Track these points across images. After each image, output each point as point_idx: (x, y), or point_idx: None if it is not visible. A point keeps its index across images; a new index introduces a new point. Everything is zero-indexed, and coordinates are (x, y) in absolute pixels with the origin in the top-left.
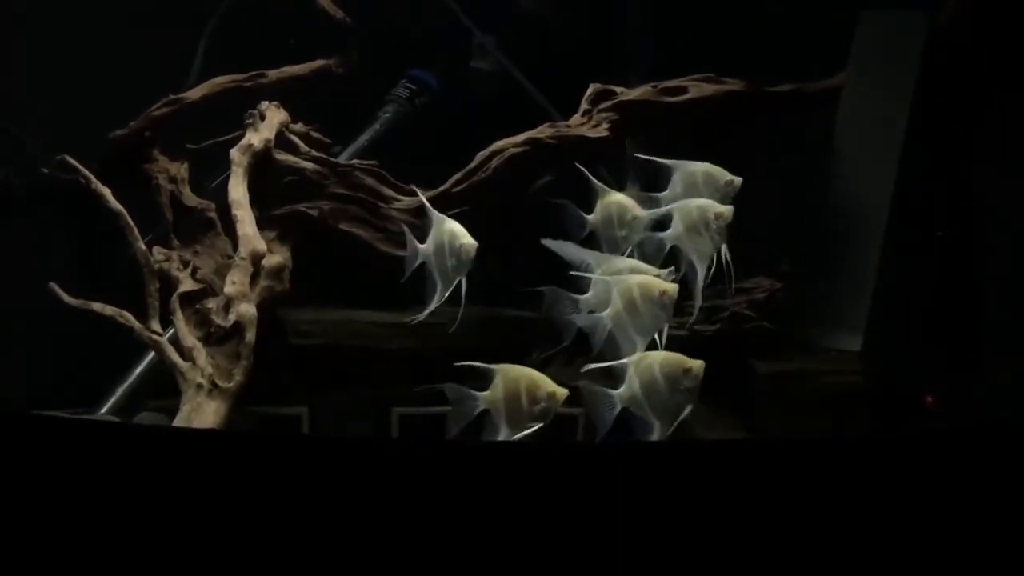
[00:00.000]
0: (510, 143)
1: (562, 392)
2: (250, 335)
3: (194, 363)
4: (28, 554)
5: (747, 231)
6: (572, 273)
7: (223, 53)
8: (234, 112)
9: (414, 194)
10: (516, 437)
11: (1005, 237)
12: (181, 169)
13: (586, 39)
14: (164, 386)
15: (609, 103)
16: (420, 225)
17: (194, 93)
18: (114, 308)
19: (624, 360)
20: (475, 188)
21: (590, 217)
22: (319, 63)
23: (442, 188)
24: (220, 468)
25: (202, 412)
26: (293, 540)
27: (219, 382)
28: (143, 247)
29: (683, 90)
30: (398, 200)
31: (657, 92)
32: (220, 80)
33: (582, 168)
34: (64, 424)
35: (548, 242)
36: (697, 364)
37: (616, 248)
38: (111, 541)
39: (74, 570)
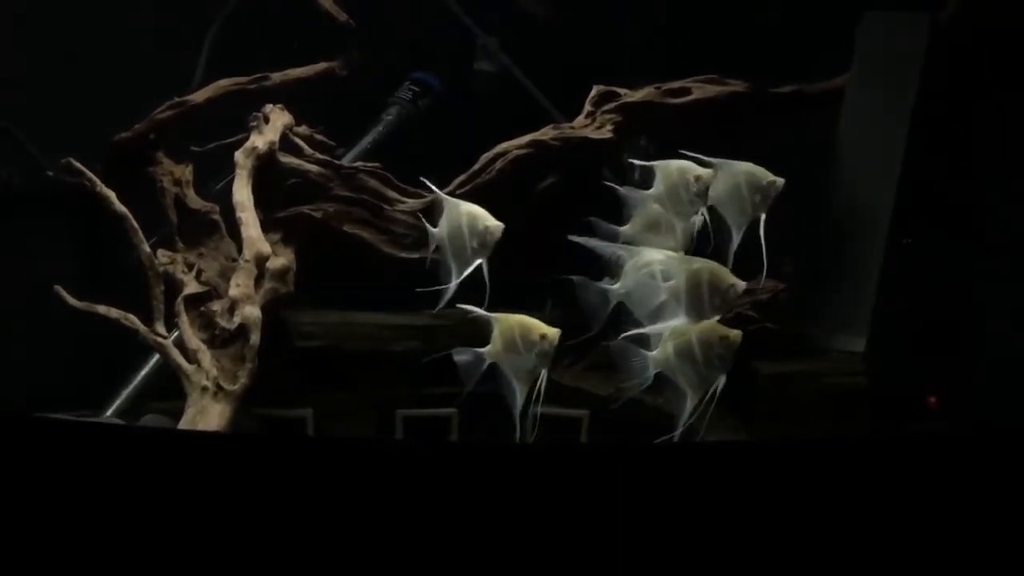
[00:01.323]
0: (514, 145)
1: (553, 332)
2: (255, 337)
3: (199, 365)
4: (33, 556)
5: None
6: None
7: (227, 55)
8: (238, 114)
9: (418, 196)
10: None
11: (1006, 237)
12: (185, 172)
13: (588, 40)
14: (169, 388)
15: (612, 104)
16: (421, 227)
17: (198, 96)
18: (119, 310)
19: (664, 326)
20: (479, 190)
21: (651, 192)
22: (322, 65)
23: (446, 190)
24: (225, 470)
25: (207, 414)
26: (298, 542)
27: (224, 384)
28: (147, 249)
29: (686, 91)
30: (402, 202)
31: (660, 93)
32: (224, 83)
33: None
34: (69, 426)
35: (575, 237)
36: (734, 334)
37: (687, 215)
38: (116, 543)
39: (79, 572)
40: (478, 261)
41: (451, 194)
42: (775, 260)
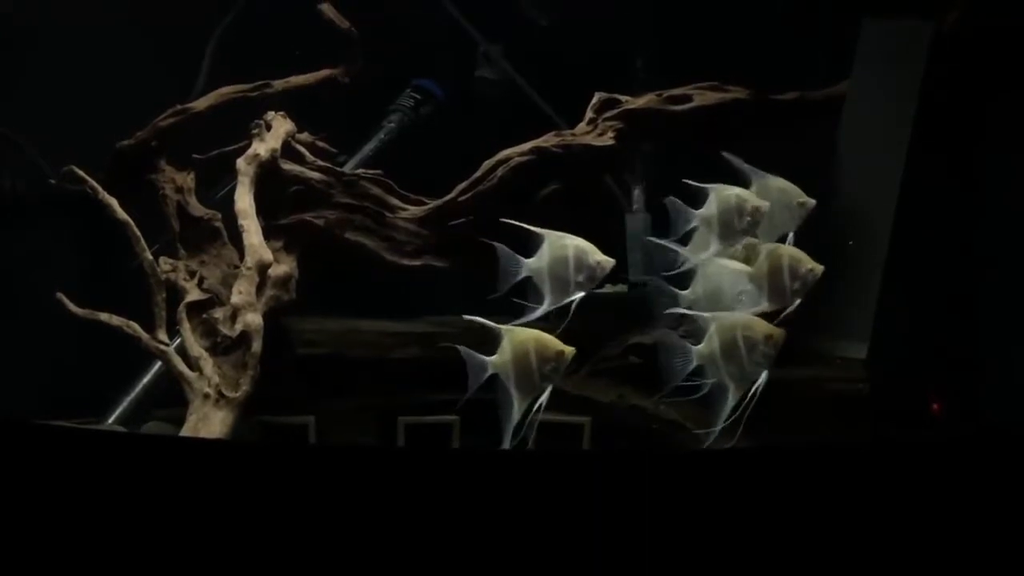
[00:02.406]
0: (515, 152)
1: (570, 350)
2: (257, 344)
3: (201, 373)
4: (35, 563)
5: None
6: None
7: (229, 63)
8: (240, 122)
9: (419, 203)
10: (534, 406)
11: (1008, 242)
12: (187, 179)
13: (590, 47)
14: (171, 396)
15: (614, 111)
16: (425, 235)
17: (200, 103)
18: (121, 318)
19: (707, 314)
20: (481, 197)
21: (702, 212)
22: (324, 73)
23: (448, 197)
24: (227, 477)
25: (209, 422)
26: (300, 549)
27: (226, 392)
28: (150, 257)
29: (688, 98)
30: (404, 209)
31: (662, 100)
32: (226, 90)
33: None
34: (71, 434)
35: (656, 240)
36: (778, 332)
37: (733, 239)
38: (118, 550)
39: None
40: (580, 294)
41: (454, 200)
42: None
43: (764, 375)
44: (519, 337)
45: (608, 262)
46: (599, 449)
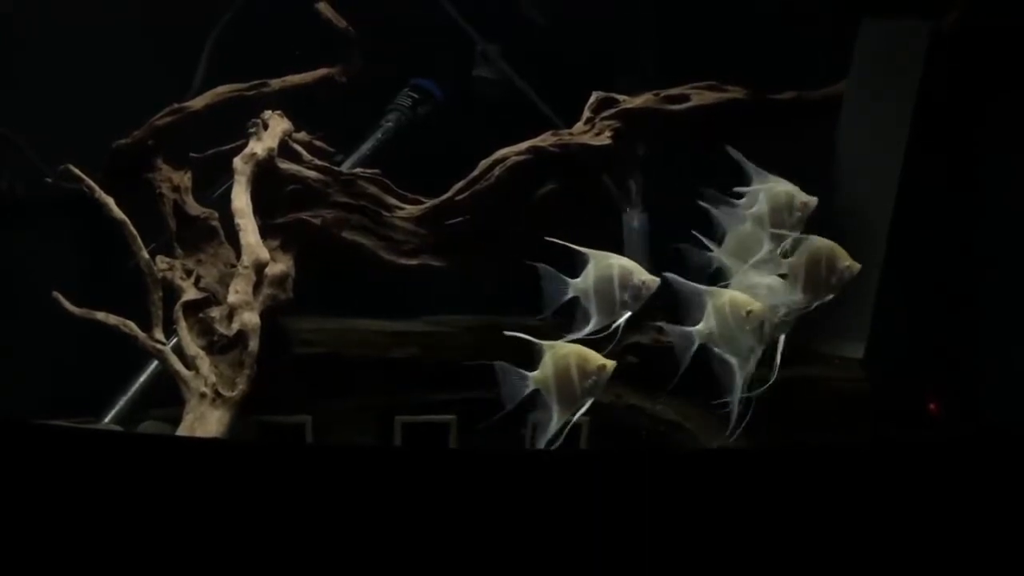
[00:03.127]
0: (513, 151)
1: (611, 364)
2: (253, 344)
3: (197, 372)
4: (31, 563)
5: None
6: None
7: (226, 62)
8: (237, 121)
9: (417, 203)
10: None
11: (1006, 241)
12: (184, 178)
13: (588, 46)
14: (167, 395)
15: (612, 111)
16: (422, 234)
17: (197, 102)
18: (118, 317)
19: (705, 288)
20: (478, 196)
21: (753, 210)
22: (322, 72)
23: (445, 196)
24: (223, 477)
25: (205, 421)
26: (296, 548)
27: (222, 391)
28: (146, 256)
29: (685, 98)
30: (401, 208)
31: (659, 100)
32: (223, 89)
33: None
34: (67, 433)
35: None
36: (757, 307)
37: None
38: (114, 550)
39: None
40: (627, 314)
41: (451, 199)
42: None
43: (759, 349)
44: (560, 352)
45: (653, 281)
46: (599, 449)
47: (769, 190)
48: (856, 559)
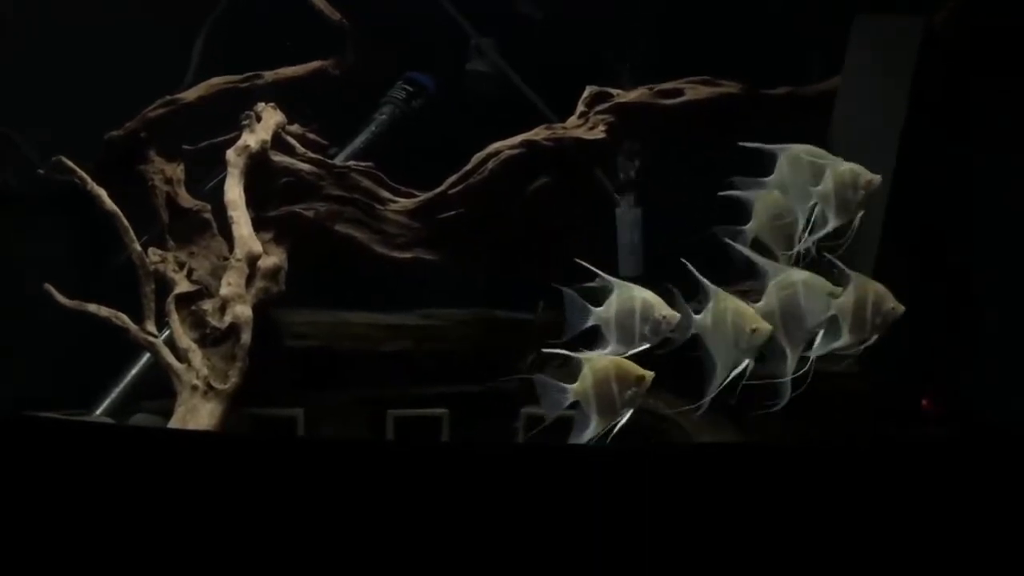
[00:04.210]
0: (506, 145)
1: (650, 375)
2: (246, 337)
3: (189, 365)
4: (22, 556)
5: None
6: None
7: (219, 54)
8: (230, 113)
9: (410, 196)
10: (609, 429)
11: (1002, 239)
12: (177, 170)
13: (582, 41)
14: (159, 388)
15: (605, 105)
16: (416, 227)
17: (190, 94)
18: (110, 309)
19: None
20: (471, 190)
21: (819, 189)
22: (315, 64)
23: (438, 190)
24: (215, 470)
25: (197, 414)
26: (287, 542)
27: (214, 384)
28: (139, 248)
29: (679, 92)
30: (395, 202)
31: (653, 94)
32: (216, 81)
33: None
34: (59, 426)
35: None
36: (763, 328)
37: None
38: (105, 543)
39: (68, 571)
40: (645, 345)
41: (444, 193)
42: None
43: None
44: (599, 364)
45: (673, 316)
46: (599, 447)
47: (835, 167)
48: (857, 558)
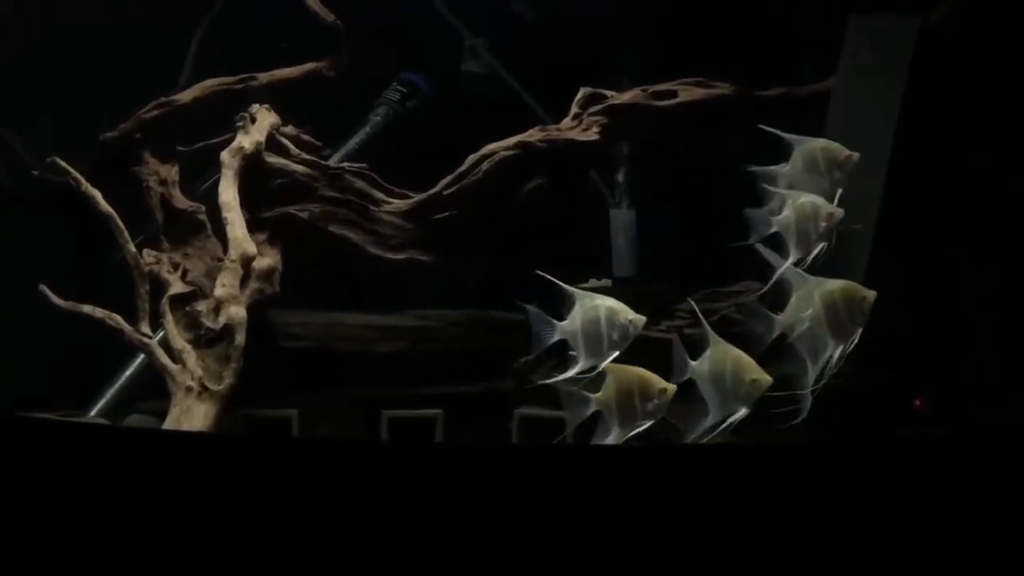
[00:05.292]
0: (500, 146)
1: (672, 388)
2: (240, 337)
3: (184, 365)
4: (16, 557)
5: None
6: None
7: (214, 56)
8: (225, 115)
9: (404, 197)
10: (627, 437)
11: (996, 239)
12: (171, 171)
13: (576, 42)
14: (154, 389)
15: (599, 107)
16: (410, 228)
17: (185, 95)
18: (104, 310)
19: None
20: (465, 191)
21: (779, 218)
22: (310, 66)
23: (432, 191)
24: (210, 471)
25: (192, 414)
26: (283, 543)
27: (209, 384)
28: (133, 249)
29: (673, 94)
30: (389, 203)
31: (647, 96)
32: (211, 82)
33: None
34: (53, 426)
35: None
36: (763, 380)
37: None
38: (100, 544)
39: (64, 573)
40: (615, 353)
41: (438, 194)
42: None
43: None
44: (622, 375)
45: (640, 320)
46: (599, 448)
47: (795, 199)
48: (854, 557)
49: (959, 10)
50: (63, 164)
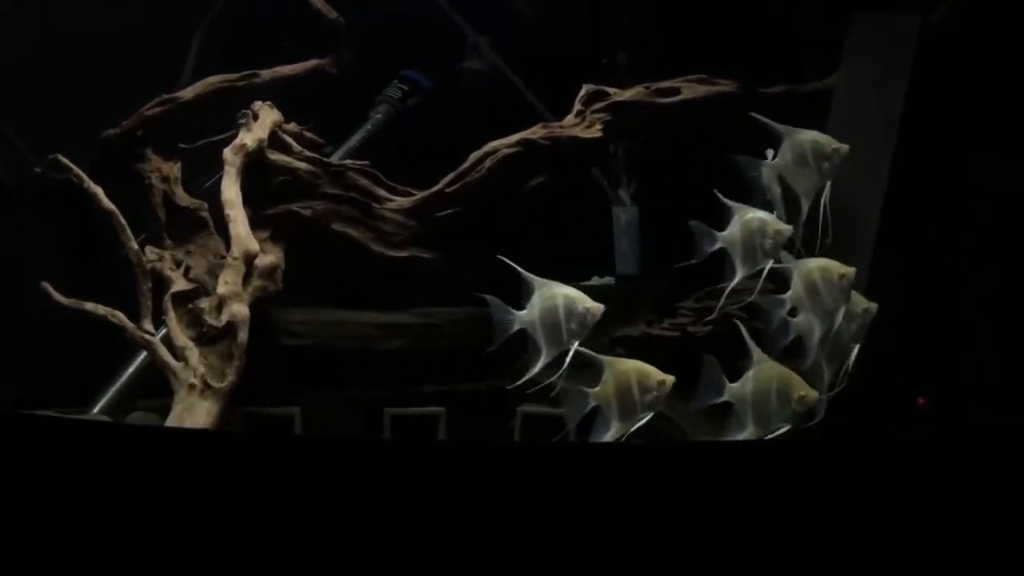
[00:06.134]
0: (503, 144)
1: (670, 379)
2: (243, 335)
3: (186, 363)
4: (19, 555)
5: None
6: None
7: (216, 53)
8: (227, 112)
9: (407, 194)
10: (628, 431)
11: (996, 238)
12: (174, 169)
13: (579, 39)
14: (157, 386)
15: (602, 104)
16: (412, 226)
17: (187, 93)
18: (106, 308)
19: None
20: (468, 188)
21: (724, 233)
22: (312, 63)
23: (435, 188)
24: (212, 468)
25: (194, 412)
26: (285, 540)
27: (211, 382)
28: (136, 247)
29: (675, 91)
30: (391, 200)
31: (650, 93)
32: (213, 80)
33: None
34: (56, 424)
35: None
36: (811, 394)
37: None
38: (102, 541)
39: (65, 571)
40: (575, 344)
41: (441, 191)
42: None
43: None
44: (620, 368)
45: (597, 308)
46: (599, 447)
47: (742, 214)
48: (854, 556)
49: (959, 10)
50: (65, 161)
